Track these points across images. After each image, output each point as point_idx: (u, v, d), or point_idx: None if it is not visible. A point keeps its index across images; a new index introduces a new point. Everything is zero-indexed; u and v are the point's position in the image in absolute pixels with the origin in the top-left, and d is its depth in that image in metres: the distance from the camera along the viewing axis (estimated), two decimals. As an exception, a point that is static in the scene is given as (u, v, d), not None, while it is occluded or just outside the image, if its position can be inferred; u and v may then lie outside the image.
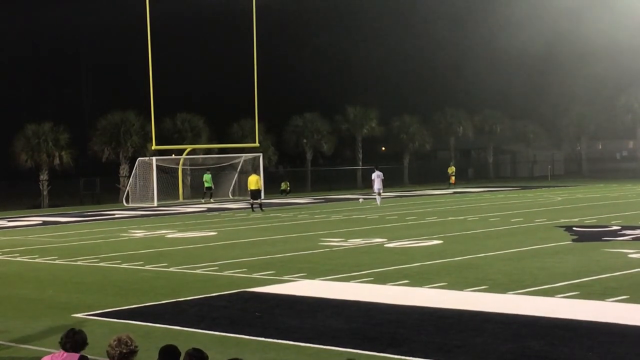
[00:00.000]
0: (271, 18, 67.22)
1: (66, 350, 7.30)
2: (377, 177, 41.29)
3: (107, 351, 6.82)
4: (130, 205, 47.01)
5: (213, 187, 49.19)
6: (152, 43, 44.40)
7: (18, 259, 22.93)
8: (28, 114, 73.71)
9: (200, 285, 17.10)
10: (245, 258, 21.10)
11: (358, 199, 45.09)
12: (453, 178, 59.58)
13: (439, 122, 72.24)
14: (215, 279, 17.86)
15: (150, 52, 44.30)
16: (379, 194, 41.22)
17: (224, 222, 33.49)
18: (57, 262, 21.73)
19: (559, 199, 42.58)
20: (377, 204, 40.57)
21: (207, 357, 6.76)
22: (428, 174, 69.77)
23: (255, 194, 39.00)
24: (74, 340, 7.33)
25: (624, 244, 21.58)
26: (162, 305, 14.97)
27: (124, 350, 6.77)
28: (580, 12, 61.01)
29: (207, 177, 48.98)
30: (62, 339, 7.38)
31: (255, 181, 39.06)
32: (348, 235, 25.99)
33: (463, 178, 68.66)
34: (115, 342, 6.80)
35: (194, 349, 6.81)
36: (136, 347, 6.86)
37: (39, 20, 78.38)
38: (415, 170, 70.49)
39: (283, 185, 53.66)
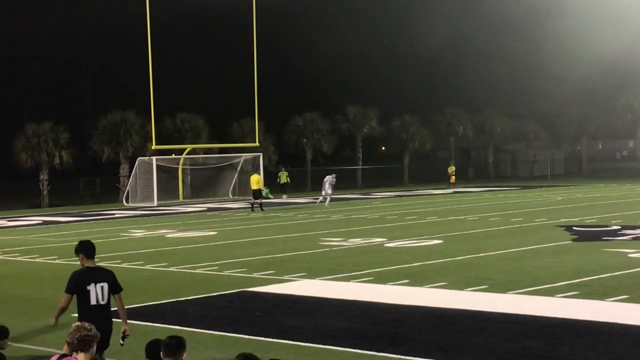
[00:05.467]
0: (271, 18, 67.17)
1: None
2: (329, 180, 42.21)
3: (67, 342, 6.74)
4: (130, 205, 47.00)
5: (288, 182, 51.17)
6: (152, 43, 44.39)
7: (18, 258, 22.93)
8: (28, 114, 73.69)
9: (200, 285, 17.11)
10: (245, 258, 21.11)
11: (323, 201, 43.60)
12: (453, 178, 59.56)
13: (439, 122, 72.19)
14: (215, 279, 17.87)
15: (150, 52, 44.29)
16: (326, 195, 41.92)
17: (224, 221, 33.49)
18: (57, 262, 21.74)
19: (559, 198, 42.58)
20: (321, 203, 41.41)
21: (183, 342, 6.61)
22: (428, 173, 69.73)
23: (257, 193, 39.07)
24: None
25: (624, 244, 21.59)
26: (162, 305, 14.98)
27: (83, 333, 6.64)
28: (580, 12, 61.01)
29: (281, 174, 51.08)
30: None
31: (256, 181, 39.19)
32: (348, 235, 25.99)
33: (463, 178, 68.63)
34: (73, 329, 6.69)
35: (170, 337, 6.69)
36: (97, 333, 6.77)
37: (39, 20, 78.32)
38: (415, 170, 70.46)
39: (282, 177, 52.38)
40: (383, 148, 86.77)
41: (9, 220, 37.40)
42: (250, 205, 39.75)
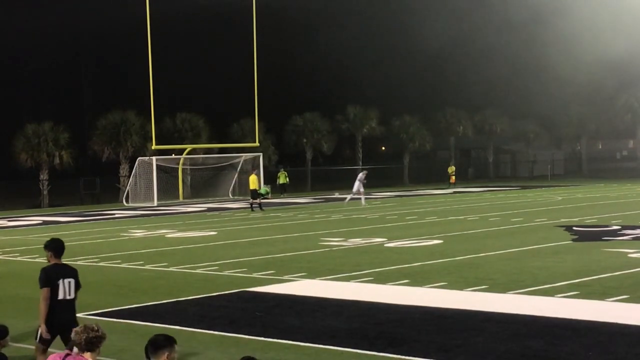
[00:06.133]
0: (271, 18, 67.15)
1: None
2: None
3: (73, 340, 6.74)
4: (130, 205, 47.01)
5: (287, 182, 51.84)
6: (152, 43, 44.40)
7: (18, 258, 22.93)
8: (28, 114, 73.67)
9: (200, 285, 17.11)
10: (246, 258, 21.11)
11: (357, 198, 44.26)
12: (453, 178, 59.60)
13: (439, 122, 72.21)
14: (215, 279, 17.87)
15: (150, 52, 44.29)
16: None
17: (224, 222, 33.49)
18: (57, 262, 21.72)
19: (559, 198, 42.58)
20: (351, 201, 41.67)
21: (166, 341, 6.43)
22: (428, 173, 69.75)
23: (254, 193, 39.18)
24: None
25: (624, 244, 21.59)
26: (162, 305, 14.98)
27: (90, 335, 6.64)
28: (580, 13, 61.02)
29: (280, 174, 51.88)
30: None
31: (253, 181, 39.28)
32: (348, 235, 25.99)
33: (463, 178, 68.64)
34: (80, 329, 6.68)
35: (156, 335, 6.57)
36: (104, 333, 6.74)
37: (39, 20, 78.28)
38: (415, 170, 70.46)
39: (281, 177, 52.44)
40: (383, 148, 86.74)
41: (9, 220, 37.40)
42: (249, 206, 39.79)
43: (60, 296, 9.67)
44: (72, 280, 9.84)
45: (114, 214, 40.01)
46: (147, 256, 22.14)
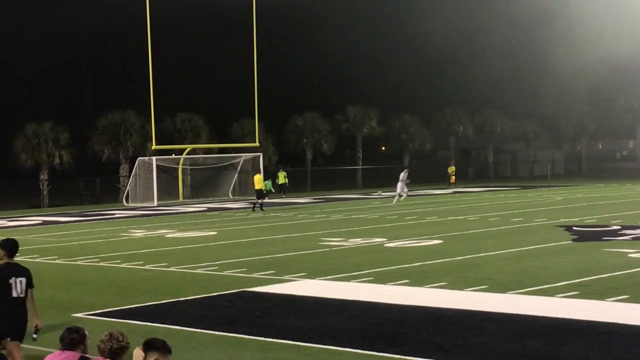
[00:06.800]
0: (271, 18, 67.13)
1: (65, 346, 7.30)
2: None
3: (98, 346, 6.79)
4: (130, 205, 46.99)
5: (287, 183, 51.56)
6: (152, 43, 44.41)
7: (18, 258, 22.89)
8: (28, 114, 73.63)
9: (200, 285, 17.11)
10: (245, 258, 21.11)
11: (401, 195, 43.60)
12: (453, 178, 59.60)
13: (439, 122, 72.21)
14: (216, 279, 17.87)
15: (150, 52, 44.30)
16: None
17: (224, 222, 33.49)
18: (57, 262, 21.75)
19: (559, 198, 42.58)
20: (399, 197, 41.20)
21: (167, 350, 6.40)
22: (428, 174, 69.72)
23: (259, 193, 39.29)
24: (70, 338, 7.32)
25: (624, 244, 21.60)
26: (162, 305, 14.99)
27: (115, 346, 6.71)
28: (581, 13, 61.02)
29: (280, 174, 51.68)
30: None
31: (258, 180, 39.45)
32: (348, 235, 25.99)
33: (463, 178, 68.62)
34: (106, 337, 6.75)
35: (156, 337, 6.55)
36: (127, 343, 6.80)
37: (39, 20, 78.31)
38: (415, 170, 70.43)
39: (280, 177, 52.35)
40: (383, 148, 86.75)
41: (9, 220, 37.40)
42: (252, 205, 39.88)
43: (15, 294, 10.00)
44: (24, 280, 10.13)
45: (114, 214, 40.00)
46: (147, 256, 22.14)
